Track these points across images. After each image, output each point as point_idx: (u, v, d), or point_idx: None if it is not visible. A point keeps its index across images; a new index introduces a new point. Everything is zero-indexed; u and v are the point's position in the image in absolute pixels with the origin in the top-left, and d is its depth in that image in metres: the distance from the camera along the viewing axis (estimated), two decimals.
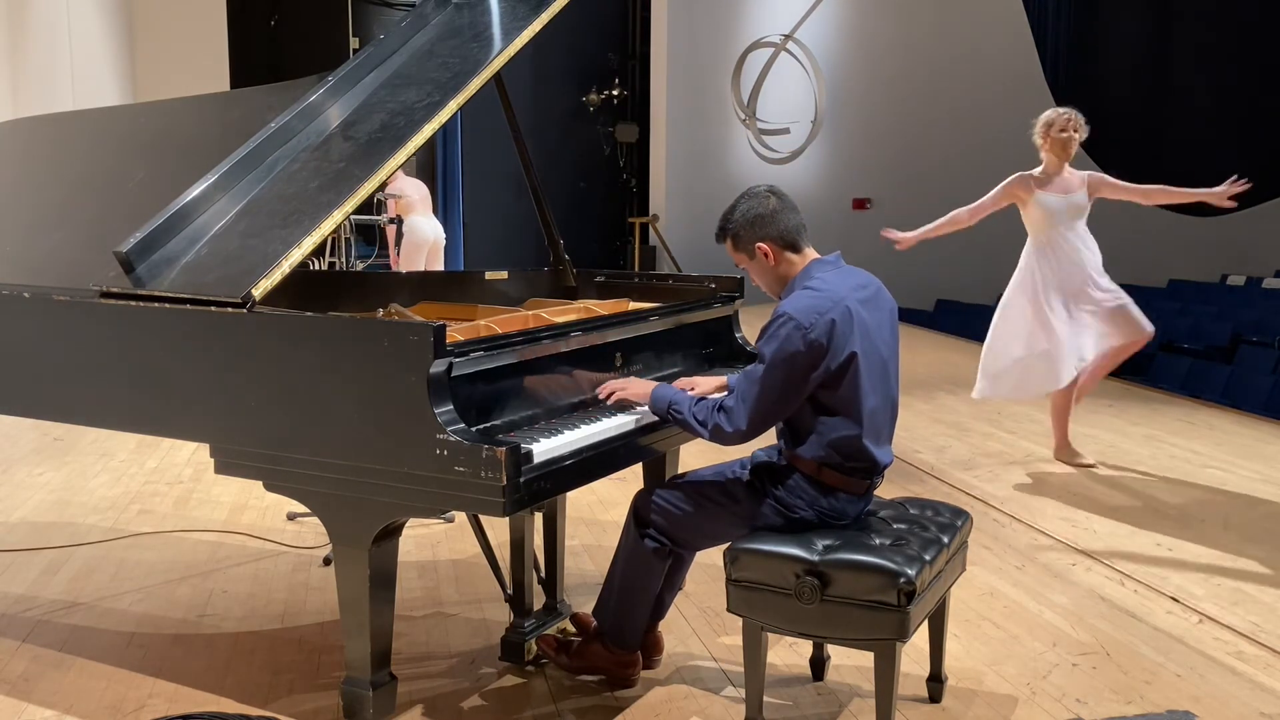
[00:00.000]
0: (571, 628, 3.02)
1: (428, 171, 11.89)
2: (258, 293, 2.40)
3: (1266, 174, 13.55)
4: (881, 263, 4.21)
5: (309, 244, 2.47)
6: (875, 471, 2.64)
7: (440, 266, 7.99)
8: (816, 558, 2.44)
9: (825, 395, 2.54)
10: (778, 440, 2.71)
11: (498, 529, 3.34)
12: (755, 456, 2.74)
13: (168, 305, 2.51)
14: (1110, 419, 6.20)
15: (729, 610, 2.55)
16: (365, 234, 9.00)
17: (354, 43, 12.01)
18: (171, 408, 2.58)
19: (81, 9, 9.04)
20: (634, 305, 3.32)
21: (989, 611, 3.45)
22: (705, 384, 2.91)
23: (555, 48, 12.22)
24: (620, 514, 3.07)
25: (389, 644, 2.51)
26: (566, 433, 2.47)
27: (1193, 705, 2.82)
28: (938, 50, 13.11)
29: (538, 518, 3.12)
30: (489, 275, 3.61)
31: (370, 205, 6.63)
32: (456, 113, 2.85)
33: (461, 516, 4.00)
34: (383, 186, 4.21)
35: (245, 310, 2.40)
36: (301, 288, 3.20)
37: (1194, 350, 8.79)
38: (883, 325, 2.63)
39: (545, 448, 2.36)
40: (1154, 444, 5.66)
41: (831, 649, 2.96)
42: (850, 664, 2.99)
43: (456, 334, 2.60)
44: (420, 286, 3.59)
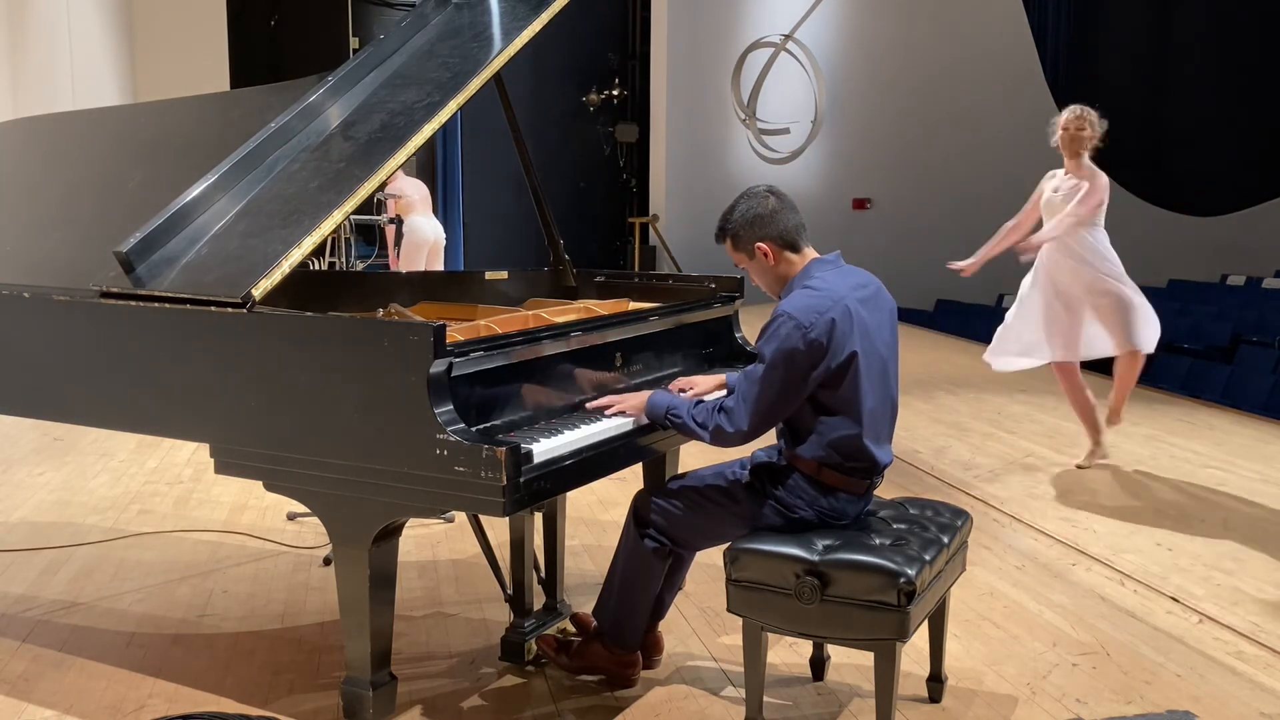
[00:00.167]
0: (571, 628, 3.02)
1: (428, 171, 11.88)
2: (258, 293, 2.40)
3: (1266, 174, 13.60)
4: (881, 263, 4.21)
5: (309, 244, 2.47)
6: (875, 471, 2.64)
7: (440, 266, 7.98)
8: (816, 558, 2.44)
9: (825, 395, 2.54)
10: (778, 440, 2.71)
11: (498, 529, 3.34)
12: (755, 457, 2.74)
13: (168, 305, 2.51)
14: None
15: (729, 610, 2.55)
16: (365, 234, 9.00)
17: (354, 43, 12.01)
18: (171, 408, 2.58)
19: (81, 9, 9.04)
20: (634, 305, 3.32)
21: (989, 611, 3.45)
22: (703, 383, 2.92)
23: (555, 48, 12.21)
24: (620, 514, 3.07)
25: (389, 644, 2.51)
26: (566, 433, 2.47)
27: (1193, 705, 2.82)
28: (938, 50, 13.11)
29: (538, 518, 3.12)
30: (489, 275, 3.61)
31: (370, 205, 6.62)
32: (456, 113, 2.85)
33: (461, 516, 4.00)
34: (382, 186, 4.21)
35: (245, 310, 2.40)
36: (301, 288, 3.20)
37: (1194, 350, 8.79)
38: (883, 325, 2.64)
39: (545, 448, 2.36)
40: (1154, 444, 5.66)
41: (831, 649, 2.96)
42: (850, 664, 2.99)
43: (456, 334, 2.60)
44: (420, 286, 3.59)
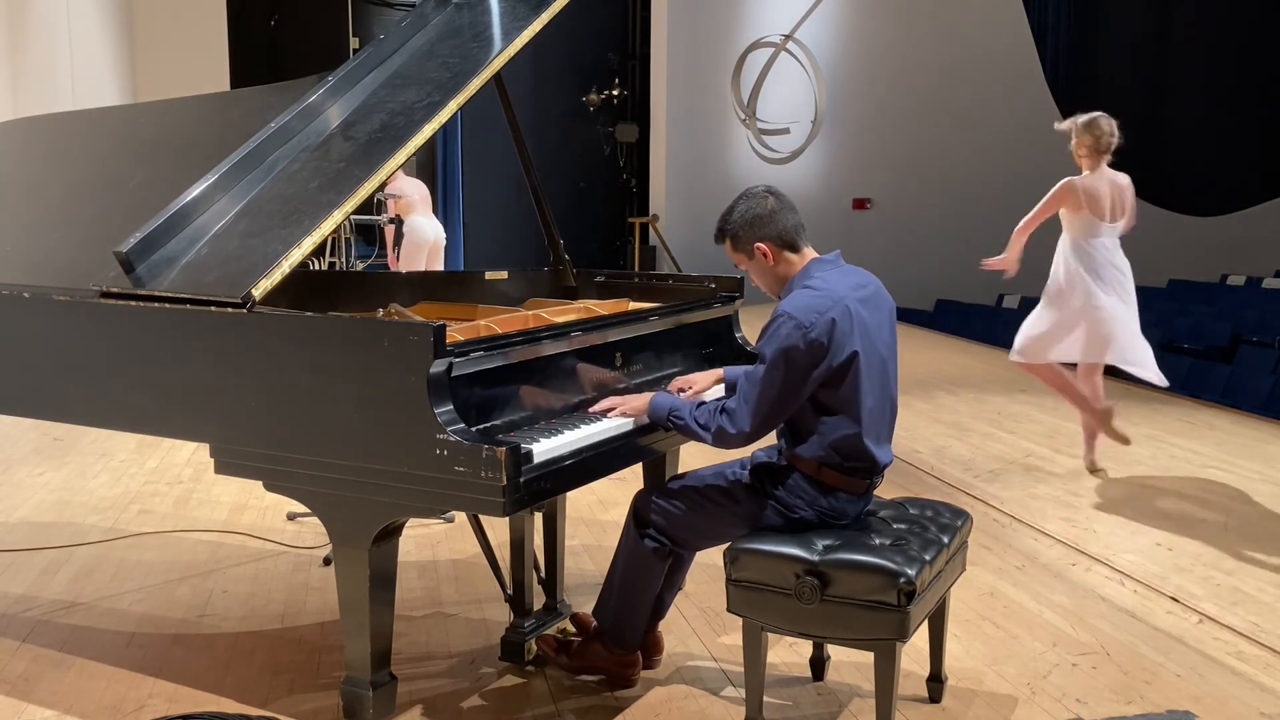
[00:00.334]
0: (571, 628, 3.02)
1: (428, 171, 11.88)
2: (258, 293, 2.40)
3: (1266, 174, 13.61)
4: (881, 263, 4.21)
5: (309, 244, 2.47)
6: (875, 471, 2.64)
7: (440, 266, 7.98)
8: (816, 558, 2.44)
9: (825, 395, 2.54)
10: (777, 440, 2.71)
11: (498, 529, 3.34)
12: (755, 457, 2.74)
13: (168, 305, 2.51)
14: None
15: (729, 610, 2.55)
16: (365, 234, 9.01)
17: (354, 43, 12.01)
18: (171, 408, 2.58)
19: (81, 9, 9.04)
20: (634, 305, 3.32)
21: (989, 611, 3.45)
22: (701, 381, 2.92)
23: (555, 48, 12.20)
24: (620, 514, 3.07)
25: (389, 644, 2.51)
26: (566, 433, 2.47)
27: (1193, 705, 2.82)
28: (938, 50, 13.10)
29: (538, 518, 3.12)
30: (489, 275, 3.61)
31: (370, 205, 6.62)
32: (456, 113, 2.85)
33: (461, 516, 4.00)
34: (382, 187, 4.21)
35: (245, 310, 2.40)
36: (301, 288, 3.20)
37: (1194, 350, 8.78)
38: (882, 325, 2.64)
39: (545, 448, 2.36)
40: (1154, 444, 5.66)
41: (831, 649, 2.96)
42: (850, 664, 2.99)
43: (456, 334, 2.60)
44: (420, 286, 3.59)
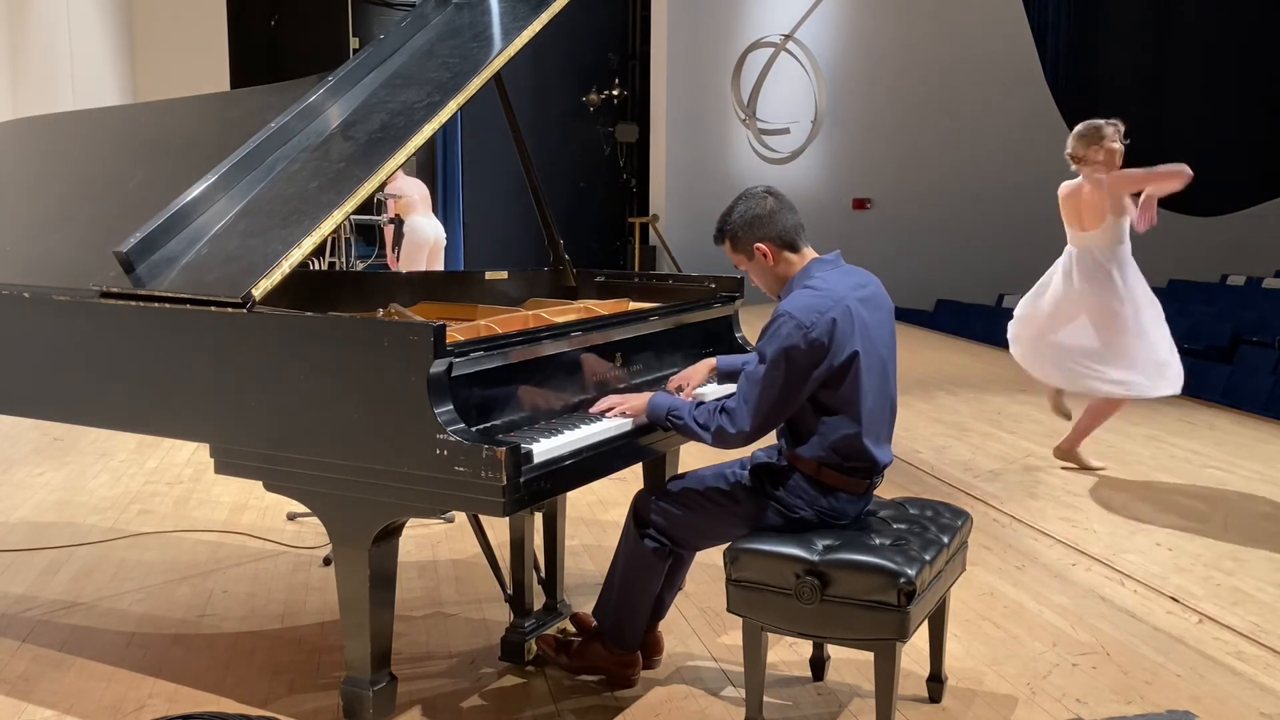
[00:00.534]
0: (571, 628, 3.02)
1: (428, 171, 11.88)
2: (258, 293, 2.40)
3: (1266, 174, 13.61)
4: (881, 263, 4.21)
5: (309, 244, 2.47)
6: (875, 471, 2.64)
7: (440, 266, 7.98)
8: (816, 558, 2.44)
9: (826, 395, 2.54)
10: (778, 440, 2.71)
11: (498, 529, 3.34)
12: (755, 457, 2.74)
13: (168, 305, 2.51)
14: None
15: (729, 610, 2.55)
16: (365, 234, 9.00)
17: (354, 43, 12.01)
18: (171, 408, 2.58)
19: (81, 9, 9.04)
20: (634, 305, 3.32)
21: (989, 611, 3.45)
22: (696, 375, 2.92)
23: (555, 48, 12.21)
24: (620, 514, 3.07)
25: (389, 644, 2.51)
26: (566, 433, 2.47)
27: (1193, 705, 2.82)
28: (938, 50, 13.11)
29: (538, 518, 3.12)
30: (489, 275, 3.61)
31: (370, 205, 6.62)
32: (456, 113, 2.85)
33: (461, 516, 4.00)
34: (382, 187, 4.21)
35: (245, 310, 2.40)
36: (301, 288, 3.20)
37: (1194, 350, 8.77)
38: (882, 325, 2.64)
39: (545, 448, 2.36)
40: (1154, 444, 5.66)
41: (831, 649, 2.96)
42: (850, 664, 2.99)
43: (456, 334, 2.60)
44: (420, 286, 3.59)
